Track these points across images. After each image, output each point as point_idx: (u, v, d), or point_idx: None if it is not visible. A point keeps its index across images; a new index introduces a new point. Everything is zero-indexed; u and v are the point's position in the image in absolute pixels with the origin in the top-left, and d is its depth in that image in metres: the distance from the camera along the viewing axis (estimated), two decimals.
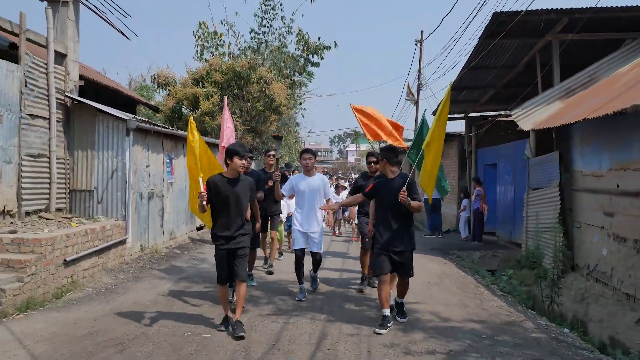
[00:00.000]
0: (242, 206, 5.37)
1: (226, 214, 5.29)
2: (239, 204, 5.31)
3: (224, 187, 5.25)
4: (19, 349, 4.61)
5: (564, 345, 5.20)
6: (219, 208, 5.30)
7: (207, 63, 16.95)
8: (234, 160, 5.25)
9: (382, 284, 5.55)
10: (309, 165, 6.69)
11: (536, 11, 9.09)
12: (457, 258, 11.27)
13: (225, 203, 5.26)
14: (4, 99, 7.05)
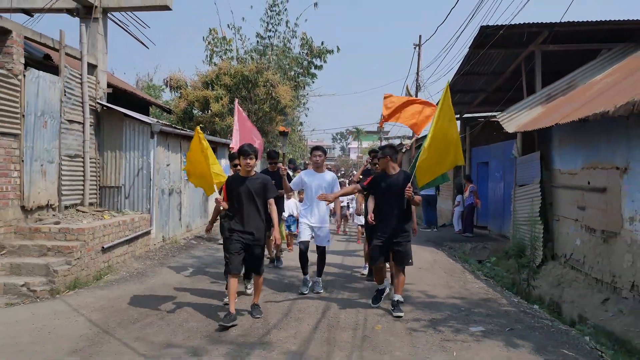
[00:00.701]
0: (255, 203, 5.66)
1: (240, 209, 5.65)
2: (251, 201, 5.64)
3: (237, 185, 5.64)
4: (78, 317, 5.63)
5: (530, 316, 6.20)
6: (233, 204, 5.69)
7: (217, 67, 17.94)
8: (240, 160, 5.70)
9: (379, 270, 6.28)
10: (319, 162, 6.93)
11: (519, 25, 10.05)
12: (450, 249, 12.25)
13: (239, 199, 5.63)
14: (48, 107, 8.07)
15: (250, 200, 5.63)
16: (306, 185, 6.90)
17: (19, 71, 7.42)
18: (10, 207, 7.31)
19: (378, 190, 6.18)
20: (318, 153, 6.94)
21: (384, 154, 6.18)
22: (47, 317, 5.56)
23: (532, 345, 4.96)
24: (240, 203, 5.63)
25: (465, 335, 5.22)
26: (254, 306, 5.84)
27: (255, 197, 5.64)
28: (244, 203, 5.62)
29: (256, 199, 5.65)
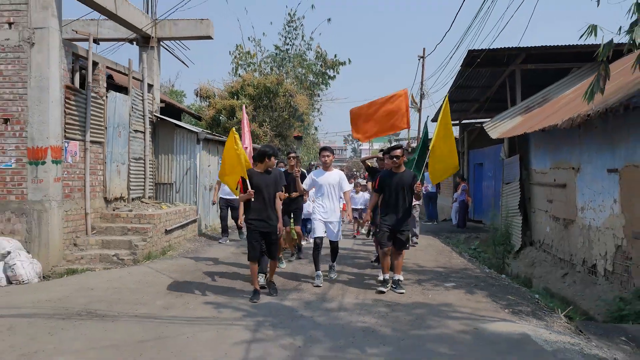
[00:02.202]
0: (272, 195, 6.50)
1: (258, 200, 6.41)
2: (268, 193, 6.45)
3: (257, 178, 6.45)
4: (160, 275, 7.77)
5: (493, 279, 8.23)
6: (254, 197, 6.40)
7: (241, 78, 20.13)
8: (271, 159, 6.51)
9: (385, 255, 6.96)
10: (327, 161, 7.41)
11: (501, 49, 12.05)
12: (446, 238, 14.26)
13: (258, 191, 6.41)
14: (121, 120, 10.27)
15: (267, 192, 6.46)
16: (317, 183, 7.43)
17: (103, 93, 9.63)
18: (98, 198, 9.52)
19: (387, 186, 6.95)
20: (326, 153, 7.45)
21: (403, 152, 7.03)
22: (140, 275, 7.72)
23: (486, 293, 7.01)
24: (260, 194, 6.42)
25: (440, 287, 7.28)
26: (270, 283, 6.75)
27: (271, 189, 6.50)
28: (263, 194, 6.43)
29: (272, 190, 6.51)
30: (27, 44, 8.07)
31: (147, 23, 11.38)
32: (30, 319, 5.56)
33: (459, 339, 5.04)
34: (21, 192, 8.20)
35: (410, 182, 6.85)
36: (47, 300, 6.34)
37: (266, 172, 6.57)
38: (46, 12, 8.03)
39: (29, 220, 8.15)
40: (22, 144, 8.17)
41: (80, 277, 7.71)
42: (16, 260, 7.67)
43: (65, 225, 8.62)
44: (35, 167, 8.11)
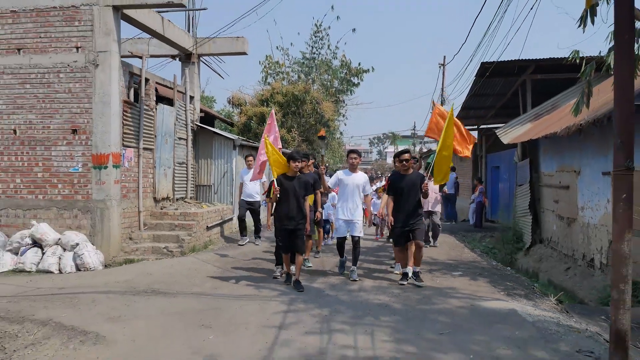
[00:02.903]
0: (299, 197, 7.18)
1: (286, 202, 7.19)
2: (295, 195, 7.17)
3: (285, 183, 7.21)
4: (206, 264, 9.03)
5: (498, 270, 9.26)
6: (281, 198, 7.23)
7: (271, 87, 21.43)
8: (290, 163, 7.25)
9: (401, 252, 7.68)
10: (354, 163, 7.89)
11: (511, 61, 13.01)
12: (462, 237, 15.24)
13: (286, 194, 7.17)
14: (168, 129, 11.61)
15: (295, 195, 7.20)
16: (342, 183, 7.91)
17: (153, 106, 10.98)
18: (148, 198, 10.86)
19: (398, 187, 7.56)
20: (354, 156, 7.97)
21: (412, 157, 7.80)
22: (188, 264, 8.99)
23: (488, 280, 8.07)
24: (287, 197, 7.18)
25: (448, 275, 8.36)
26: (296, 282, 7.17)
27: (298, 192, 7.24)
28: (290, 197, 7.18)
29: (299, 194, 7.25)
30: (92, 65, 9.45)
31: (189, 41, 12.73)
32: (107, 294, 6.86)
33: (457, 312, 6.15)
34: (86, 193, 9.56)
35: (419, 183, 7.42)
36: (116, 282, 7.65)
37: (293, 177, 7.29)
38: (108, 38, 9.39)
39: (93, 216, 9.51)
40: (88, 151, 9.53)
41: (138, 265, 9.02)
42: (84, 251, 9.01)
43: (122, 221, 9.96)
44: (98, 171, 9.46)
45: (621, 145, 4.57)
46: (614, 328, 4.60)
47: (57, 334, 5.30)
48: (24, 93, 9.67)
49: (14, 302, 6.57)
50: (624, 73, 4.51)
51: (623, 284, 4.61)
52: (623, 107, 4.56)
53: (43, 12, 9.55)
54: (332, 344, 4.93)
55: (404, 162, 7.60)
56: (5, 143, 9.74)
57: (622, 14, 4.47)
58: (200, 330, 5.37)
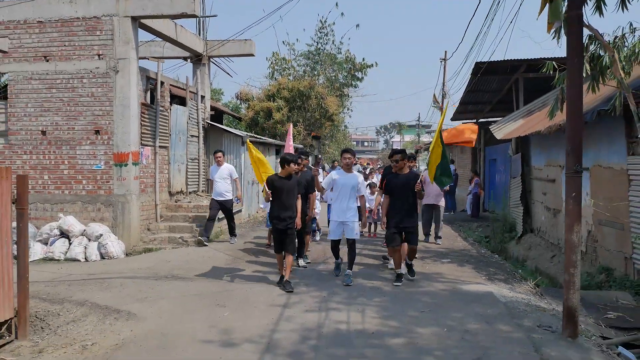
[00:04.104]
0: (291, 197, 7.27)
1: (279, 202, 7.25)
2: (288, 196, 7.24)
3: (279, 183, 7.23)
4: (218, 252, 9.93)
5: (485, 258, 10.10)
6: (274, 198, 7.28)
7: (277, 82, 22.26)
8: (290, 166, 7.27)
9: (396, 253, 7.44)
10: (349, 163, 7.66)
11: (503, 61, 13.75)
12: (458, 226, 16.06)
13: (279, 194, 7.21)
14: (181, 128, 12.50)
15: (288, 195, 7.28)
16: (336, 183, 7.68)
17: (168, 107, 11.86)
18: (164, 192, 11.78)
19: (393, 187, 7.49)
20: (348, 156, 7.66)
21: (403, 157, 7.53)
22: (202, 252, 9.91)
23: (473, 266, 8.92)
24: (280, 197, 7.25)
25: (437, 262, 9.23)
26: (286, 282, 7.16)
27: (291, 193, 7.32)
28: (282, 197, 7.25)
29: (292, 194, 7.33)
30: (112, 71, 10.32)
31: (201, 45, 13.58)
32: (132, 279, 7.80)
33: (439, 293, 7.02)
34: (108, 188, 10.48)
35: (412, 183, 7.33)
36: (139, 269, 8.58)
37: (287, 177, 7.31)
38: (127, 46, 10.25)
39: (114, 209, 10.43)
40: (109, 150, 10.43)
41: (157, 254, 9.95)
42: (107, 241, 9.95)
43: (141, 213, 10.88)
44: (119, 168, 10.37)
45: (571, 152, 5.41)
46: (566, 305, 5.47)
47: (94, 312, 6.23)
48: (50, 97, 10.57)
49: (51, 286, 7.51)
50: (574, 91, 5.32)
51: (573, 268, 5.47)
52: (573, 119, 5.38)
53: (67, 22, 10.41)
54: (329, 320, 5.82)
55: (394, 163, 7.58)
56: (34, 143, 10.66)
57: (572, 42, 5.27)
58: (216, 308, 6.28)
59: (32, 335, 5.61)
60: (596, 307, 7.28)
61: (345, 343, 5.12)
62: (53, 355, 4.97)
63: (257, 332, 5.39)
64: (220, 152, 10.79)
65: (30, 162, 10.70)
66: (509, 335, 5.37)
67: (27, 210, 5.70)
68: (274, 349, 4.95)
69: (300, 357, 4.75)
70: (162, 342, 5.18)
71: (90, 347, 5.11)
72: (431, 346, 5.03)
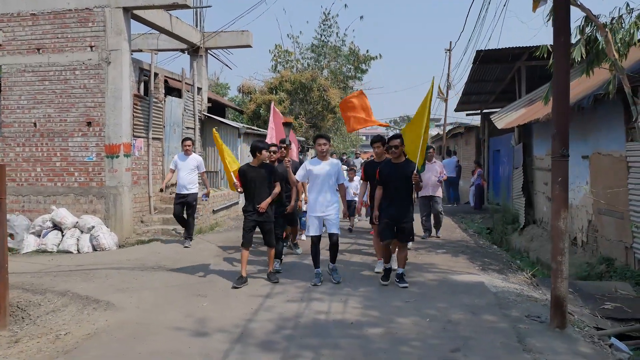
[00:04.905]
0: (265, 187, 6.78)
1: (252, 193, 6.79)
2: (262, 186, 6.76)
3: (250, 173, 6.78)
4: (210, 244, 9.83)
5: (482, 248, 9.88)
6: (247, 189, 6.84)
7: (280, 74, 22.09)
8: (262, 153, 6.77)
9: (386, 247, 6.79)
10: (324, 150, 6.82)
11: (504, 49, 13.46)
12: (461, 218, 15.83)
13: (252, 185, 6.77)
14: (176, 119, 12.40)
15: (261, 185, 6.80)
16: (311, 174, 6.86)
17: (162, 98, 11.75)
18: (158, 184, 11.68)
19: (388, 177, 6.69)
20: (322, 141, 6.83)
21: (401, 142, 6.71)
22: (194, 244, 9.79)
23: (468, 257, 8.71)
24: (253, 188, 6.80)
25: (432, 253, 9.03)
26: (270, 273, 6.99)
27: (264, 182, 6.82)
28: (256, 187, 6.78)
29: (265, 183, 6.82)
30: (104, 63, 10.22)
31: (197, 36, 13.45)
32: (118, 270, 7.71)
33: (429, 284, 6.84)
34: (100, 180, 10.40)
35: (410, 172, 6.56)
36: (127, 260, 8.49)
37: (260, 166, 6.83)
38: (119, 37, 10.14)
39: (107, 201, 10.35)
40: (101, 142, 10.34)
41: (149, 245, 9.86)
42: (99, 233, 9.87)
43: (134, 206, 10.80)
44: (111, 160, 10.28)
45: (557, 135, 5.20)
46: (554, 294, 5.27)
47: (74, 302, 6.14)
48: (43, 89, 10.50)
49: (37, 277, 7.45)
50: (560, 72, 5.11)
51: (560, 256, 5.27)
52: (559, 101, 5.17)
53: (60, 14, 10.33)
54: (308, 310, 5.67)
55: (393, 149, 6.73)
56: (27, 135, 10.61)
57: (558, 20, 5.05)
58: (196, 298, 6.16)
59: (12, 325, 5.54)
60: (594, 297, 7.07)
61: (322, 333, 4.96)
62: (27, 345, 4.88)
63: (233, 322, 5.26)
64: (189, 140, 9.75)
65: (22, 155, 10.65)
66: (493, 326, 5.19)
67: (4, 200, 5.60)
68: (246, 338, 4.80)
69: (271, 346, 4.61)
70: (135, 331, 5.06)
71: (63, 336, 5.01)
72: (409, 336, 4.86)
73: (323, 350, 4.50)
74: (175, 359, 4.38)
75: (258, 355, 4.42)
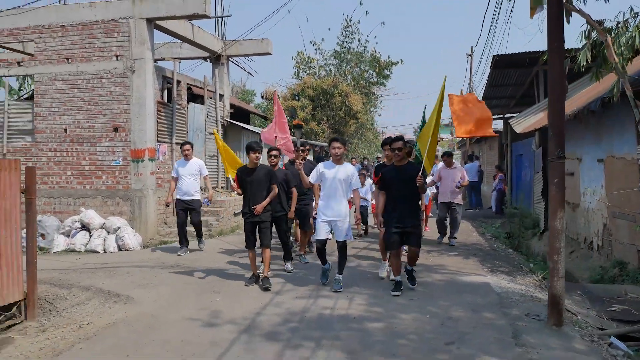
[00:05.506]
0: (261, 189, 6.74)
1: (248, 194, 6.82)
2: (258, 187, 6.75)
3: (246, 175, 6.81)
4: (229, 245, 10.19)
5: (495, 251, 9.98)
6: (244, 190, 6.86)
7: (302, 81, 22.49)
8: (249, 154, 6.75)
9: (395, 257, 6.49)
10: (338, 154, 6.62)
11: (521, 53, 13.52)
12: (482, 223, 15.86)
13: (247, 186, 6.80)
14: (199, 125, 12.85)
15: (257, 187, 6.77)
16: (324, 177, 6.66)
17: (185, 105, 12.22)
18: None
19: (391, 182, 6.49)
20: (337, 145, 6.65)
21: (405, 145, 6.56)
22: (213, 245, 10.19)
23: (479, 259, 8.85)
24: (248, 189, 6.81)
25: (444, 255, 9.19)
26: (264, 279, 6.75)
27: (261, 184, 6.77)
28: (253, 189, 6.78)
29: (262, 185, 6.78)
30: (129, 71, 10.73)
31: (218, 44, 13.93)
32: (140, 268, 8.12)
33: (435, 284, 7.03)
34: (126, 183, 10.89)
35: (415, 175, 6.33)
36: (149, 259, 8.92)
37: (255, 168, 6.82)
38: (143, 47, 10.64)
39: (132, 204, 10.83)
40: (127, 147, 10.85)
41: (170, 246, 10.28)
42: (125, 233, 10.35)
43: (158, 208, 11.26)
44: (136, 164, 10.77)
45: (553, 137, 5.37)
46: (550, 293, 5.42)
47: (97, 296, 6.55)
48: (72, 97, 11.09)
49: (65, 273, 7.92)
50: (554, 75, 5.28)
51: (557, 255, 5.43)
52: (554, 103, 5.34)
53: (87, 25, 10.90)
54: (315, 305, 5.94)
55: (396, 152, 6.46)
56: (58, 141, 11.19)
57: (551, 26, 5.23)
58: (210, 294, 6.50)
59: (41, 317, 5.98)
60: (602, 300, 7.15)
61: (325, 326, 5.23)
62: (53, 334, 5.29)
63: (242, 315, 5.57)
64: (188, 145, 9.27)
65: (54, 159, 11.23)
66: (491, 322, 5.37)
67: (35, 200, 6.05)
68: (253, 329, 5.11)
69: (275, 337, 4.90)
70: (151, 322, 5.42)
71: (85, 326, 5.41)
72: (407, 330, 5.08)
73: (324, 341, 4.77)
74: (186, 346, 4.71)
75: (262, 344, 4.72)
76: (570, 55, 7.62)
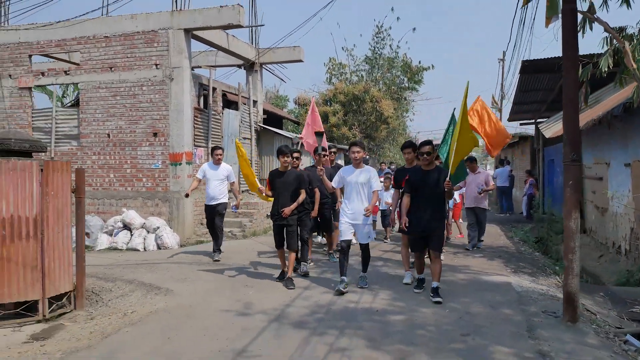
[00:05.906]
0: (288, 192, 6.98)
1: (277, 198, 7.13)
2: (286, 191, 7.01)
3: (277, 178, 7.11)
4: (262, 245, 10.65)
5: (520, 254, 10.14)
6: (274, 193, 7.17)
7: (334, 86, 22.92)
8: (279, 159, 7.05)
9: (418, 258, 6.80)
10: (357, 157, 6.69)
11: (549, 58, 13.53)
12: (510, 227, 15.92)
13: (277, 190, 7.10)
14: (234, 130, 13.40)
15: (285, 191, 7.05)
16: (345, 181, 6.79)
17: (220, 111, 12.78)
18: None
19: (418, 185, 6.50)
20: (356, 149, 6.71)
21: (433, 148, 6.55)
22: (247, 245, 10.67)
23: (503, 261, 9.05)
24: (279, 192, 7.11)
25: (469, 256, 9.42)
26: (288, 279, 7.00)
27: (289, 188, 7.04)
28: (281, 192, 7.08)
29: (290, 189, 7.05)
30: (168, 79, 11.35)
31: (252, 53, 14.48)
32: (178, 264, 8.65)
33: (458, 282, 7.31)
34: (165, 185, 11.49)
35: (442, 180, 6.37)
36: (186, 257, 9.45)
37: (285, 172, 7.11)
38: (181, 56, 11.24)
39: (170, 205, 11.42)
40: (166, 151, 11.45)
41: (206, 245, 10.80)
42: (163, 233, 10.93)
43: (194, 209, 11.82)
44: (175, 167, 11.36)
45: (567, 141, 5.61)
46: (565, 290, 5.65)
47: (139, 289, 7.07)
48: (115, 104, 11.78)
49: (109, 269, 8.50)
50: (569, 80, 5.54)
51: (572, 254, 5.66)
52: (568, 107, 5.58)
53: (129, 36, 11.58)
54: (341, 299, 6.32)
55: (424, 156, 6.44)
56: (102, 145, 11.90)
57: (565, 35, 5.49)
58: (243, 288, 6.94)
59: (88, 307, 6.53)
60: (624, 301, 7.29)
61: (349, 317, 5.60)
62: (101, 321, 5.81)
63: (273, 306, 5.99)
64: (220, 149, 9.27)
65: (98, 162, 11.94)
66: (508, 318, 5.63)
67: (84, 199, 6.61)
68: (282, 319, 5.52)
69: (302, 325, 5.30)
70: (189, 311, 5.89)
71: (130, 314, 5.92)
72: (427, 322, 5.40)
73: (347, 330, 5.14)
74: (220, 331, 5.15)
75: (290, 331, 5.13)
76: (592, 62, 7.81)
